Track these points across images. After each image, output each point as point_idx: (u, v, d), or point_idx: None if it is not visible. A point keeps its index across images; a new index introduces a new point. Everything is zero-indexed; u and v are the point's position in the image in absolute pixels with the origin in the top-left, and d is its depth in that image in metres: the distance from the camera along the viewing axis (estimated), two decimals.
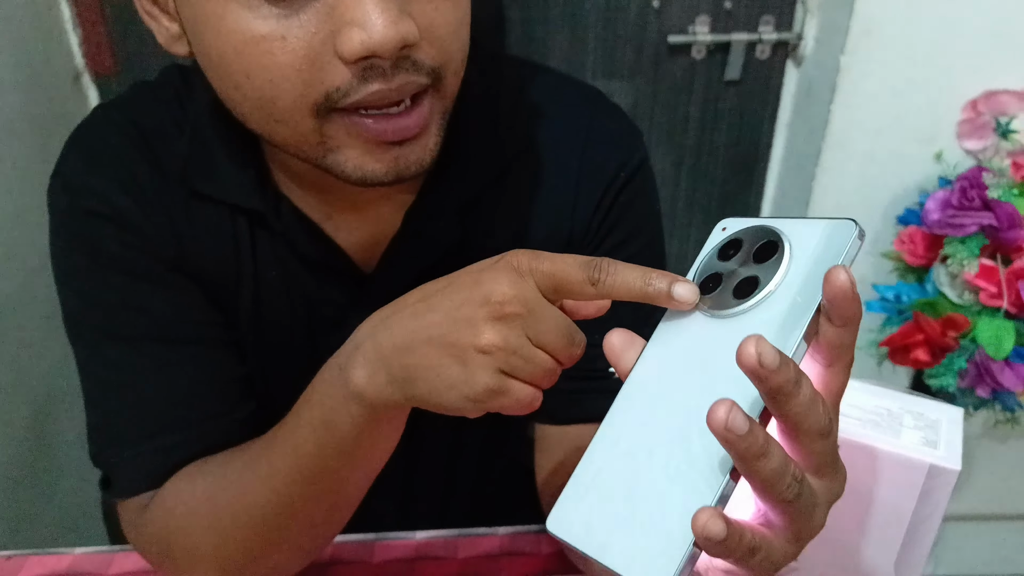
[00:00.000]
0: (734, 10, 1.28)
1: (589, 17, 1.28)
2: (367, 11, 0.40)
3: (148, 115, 0.57)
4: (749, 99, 1.36)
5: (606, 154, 0.60)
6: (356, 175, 0.47)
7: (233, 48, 0.42)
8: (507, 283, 0.38)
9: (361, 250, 0.58)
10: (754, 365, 0.28)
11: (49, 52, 1.19)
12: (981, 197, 0.97)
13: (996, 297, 0.94)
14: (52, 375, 1.18)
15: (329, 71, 0.42)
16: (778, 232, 0.36)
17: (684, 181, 1.43)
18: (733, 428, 0.28)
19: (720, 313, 0.35)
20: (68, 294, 0.56)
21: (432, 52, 0.44)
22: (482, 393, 0.38)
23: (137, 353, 0.54)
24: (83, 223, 0.54)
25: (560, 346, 0.39)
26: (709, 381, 0.34)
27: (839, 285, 0.30)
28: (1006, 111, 1.14)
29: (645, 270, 0.37)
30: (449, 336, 0.38)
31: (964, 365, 0.94)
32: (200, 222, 0.56)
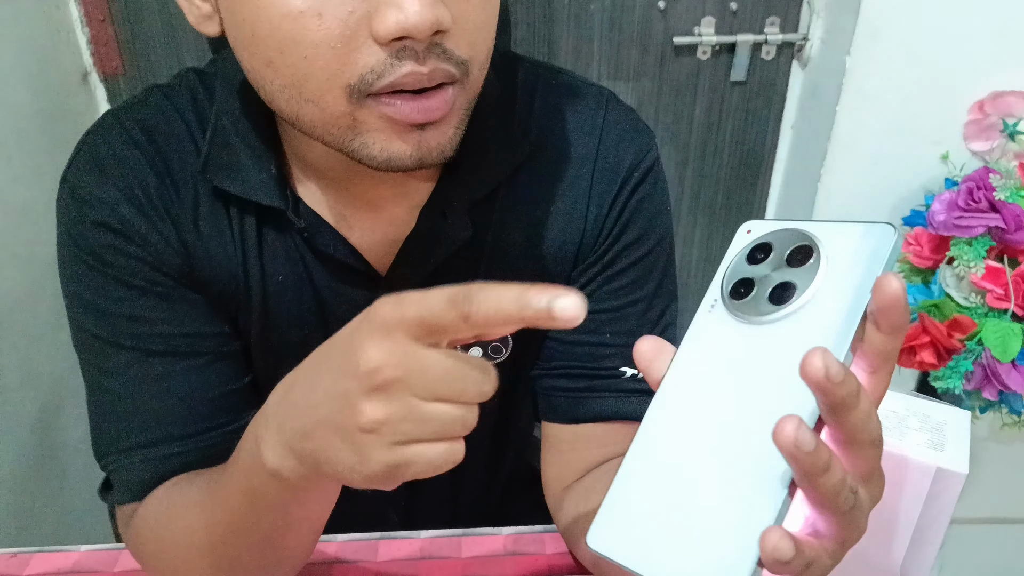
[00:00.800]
0: (740, 11, 1.28)
1: (595, 18, 1.28)
2: None
3: (160, 119, 0.57)
4: (754, 100, 1.36)
5: (619, 154, 0.60)
6: (382, 157, 0.46)
7: (269, 22, 0.43)
8: (373, 347, 0.34)
9: (375, 250, 0.59)
10: (821, 379, 0.28)
11: (57, 51, 1.20)
12: (988, 199, 0.97)
13: (1003, 299, 0.93)
14: (59, 373, 1.18)
15: (363, 51, 0.43)
16: (811, 236, 0.35)
17: (689, 182, 1.43)
18: (801, 445, 0.28)
19: (756, 320, 0.34)
20: (73, 301, 0.57)
21: (463, 44, 0.45)
22: (381, 473, 0.36)
23: (137, 364, 0.55)
24: (90, 233, 0.54)
25: (459, 390, 0.35)
26: (755, 392, 0.32)
27: (892, 293, 0.30)
28: (1013, 112, 1.14)
29: (519, 290, 0.33)
30: (333, 419, 0.36)
31: (971, 367, 0.94)
32: (208, 227, 0.56)
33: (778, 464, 0.30)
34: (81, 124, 1.25)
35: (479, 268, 0.61)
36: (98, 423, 0.58)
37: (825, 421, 0.30)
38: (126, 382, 0.55)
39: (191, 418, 0.56)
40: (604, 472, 0.60)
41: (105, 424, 0.57)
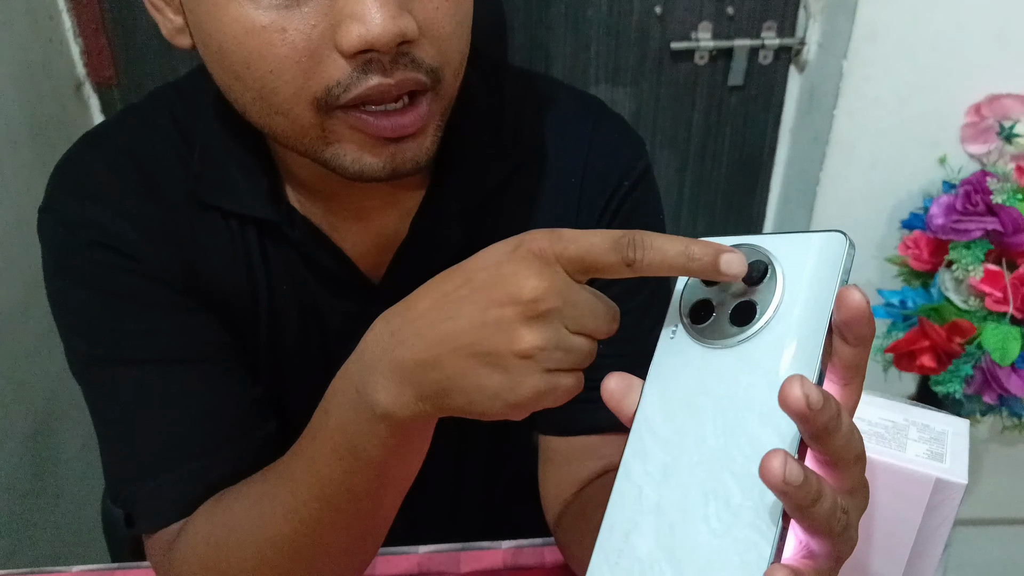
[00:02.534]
0: (736, 16, 1.28)
1: (592, 23, 1.28)
2: (366, 5, 0.40)
3: (140, 141, 0.56)
4: (752, 104, 1.36)
5: (609, 164, 0.60)
6: (353, 168, 0.47)
7: (234, 38, 0.43)
8: (535, 276, 0.35)
9: (368, 259, 0.58)
10: (802, 408, 0.27)
11: (50, 61, 1.19)
12: (986, 202, 0.97)
13: (1002, 303, 0.93)
14: (53, 387, 1.17)
15: (328, 64, 0.43)
16: (764, 251, 0.34)
17: (687, 187, 1.43)
18: (791, 481, 0.27)
19: (720, 343, 0.33)
20: (71, 331, 0.55)
21: (431, 51, 0.44)
22: (531, 398, 0.36)
23: (149, 379, 0.53)
24: (83, 255, 0.53)
25: (600, 326, 0.37)
26: (733, 420, 0.31)
27: (855, 306, 0.30)
28: (1009, 115, 1.14)
29: (684, 242, 0.34)
30: (482, 344, 0.36)
31: (970, 371, 0.94)
32: (209, 242, 0.56)
33: (768, 496, 0.29)
34: (74, 135, 1.23)
35: None
36: (114, 454, 0.55)
37: (808, 446, 0.30)
38: (140, 401, 0.53)
39: (217, 429, 0.54)
40: (600, 487, 0.59)
41: (122, 453, 0.54)
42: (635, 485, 0.33)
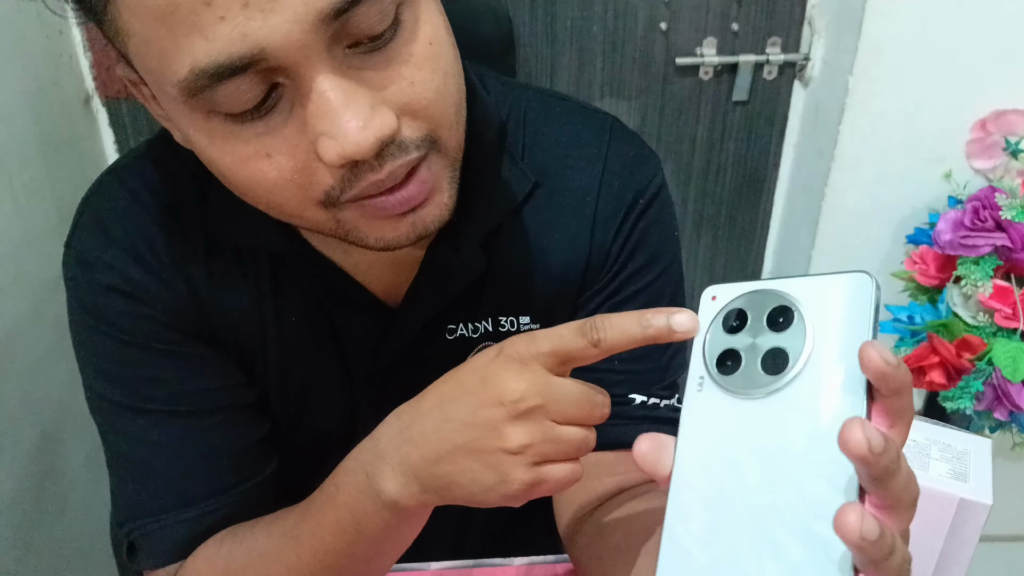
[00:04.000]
0: (741, 32, 1.29)
1: (597, 38, 1.29)
2: (337, 121, 0.40)
3: (163, 172, 0.56)
4: (756, 120, 1.37)
5: (624, 181, 0.60)
6: (379, 244, 0.47)
7: (227, 167, 0.43)
8: (515, 378, 0.39)
9: (384, 285, 0.59)
10: (865, 452, 0.27)
11: (60, 76, 1.20)
12: (994, 218, 0.97)
13: (1011, 318, 0.93)
14: (61, 398, 1.18)
15: (320, 175, 0.43)
16: (786, 296, 0.33)
17: (692, 201, 1.44)
18: (868, 536, 0.26)
19: (755, 392, 0.32)
20: (88, 368, 0.56)
21: (417, 126, 0.44)
22: (522, 490, 0.40)
23: (157, 426, 0.55)
24: (99, 298, 0.54)
25: (585, 414, 0.40)
26: (775, 472, 0.31)
27: (877, 366, 0.29)
28: (1015, 131, 1.14)
29: (639, 315, 0.37)
30: (475, 443, 0.40)
31: (981, 387, 0.93)
32: (221, 275, 0.57)
33: (833, 551, 0.28)
34: (83, 149, 1.25)
35: (487, 297, 0.61)
36: (120, 489, 0.57)
37: (867, 490, 0.29)
38: (148, 446, 0.55)
39: (220, 475, 0.56)
40: (617, 508, 0.59)
41: (128, 489, 0.56)
42: (682, 548, 0.32)
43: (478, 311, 0.61)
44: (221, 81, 0.38)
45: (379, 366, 0.61)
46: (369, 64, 0.41)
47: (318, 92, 0.40)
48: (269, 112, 0.41)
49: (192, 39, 0.37)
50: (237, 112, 0.40)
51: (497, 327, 0.62)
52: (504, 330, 0.62)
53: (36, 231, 1.12)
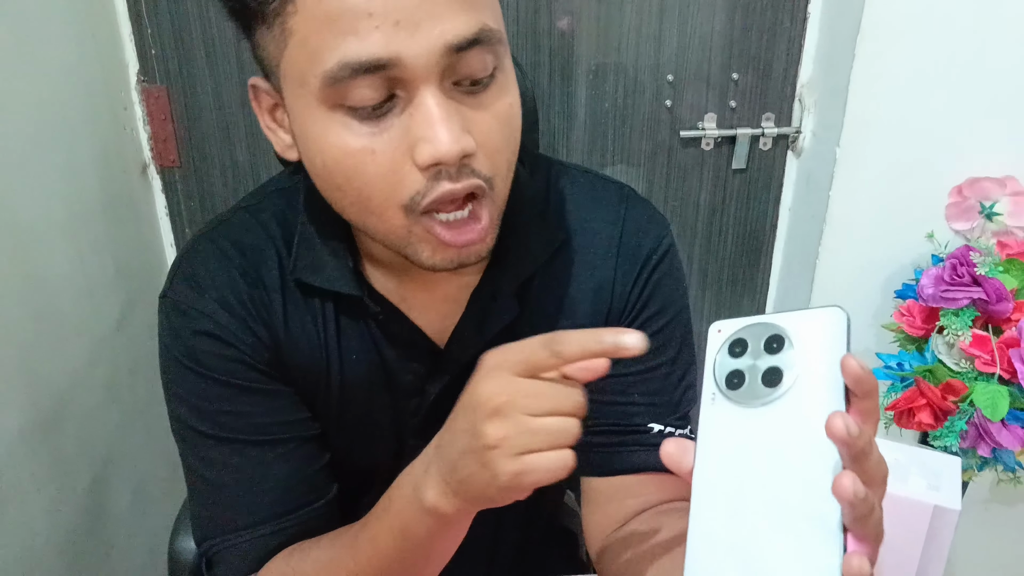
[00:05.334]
0: (738, 108, 1.38)
1: (609, 113, 1.38)
2: (436, 130, 0.49)
3: (247, 235, 0.64)
4: (754, 186, 1.45)
5: (639, 241, 0.68)
6: (429, 263, 0.56)
7: (333, 159, 0.52)
8: (484, 383, 0.45)
9: (433, 327, 0.66)
10: (845, 435, 0.34)
11: (123, 146, 1.30)
12: (970, 273, 1.04)
13: (990, 364, 1.00)
14: (112, 445, 1.24)
15: (409, 177, 0.51)
16: (778, 326, 0.40)
17: (696, 261, 1.51)
18: (858, 494, 0.34)
19: (757, 403, 0.39)
20: (177, 401, 0.63)
21: (485, 163, 0.53)
22: (510, 480, 0.44)
23: (238, 454, 0.62)
24: (193, 342, 0.61)
25: (557, 403, 0.44)
26: (782, 462, 0.38)
27: (853, 372, 0.37)
28: (989, 196, 1.22)
29: (593, 332, 0.44)
30: (468, 447, 0.45)
31: (964, 427, 1.00)
32: (295, 322, 0.64)
33: (829, 517, 0.35)
34: (139, 212, 1.36)
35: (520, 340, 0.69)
36: (201, 509, 0.64)
37: (848, 466, 0.36)
38: (228, 471, 0.62)
39: (288, 498, 0.63)
40: (641, 522, 0.65)
41: (208, 510, 0.63)
42: (707, 529, 0.39)
43: None
44: (358, 76, 0.48)
45: (424, 401, 0.68)
46: (465, 102, 0.51)
47: (425, 105, 0.49)
48: (382, 116, 0.50)
49: (347, 40, 0.47)
50: (359, 107, 0.49)
51: None
52: None
53: (96, 286, 1.20)
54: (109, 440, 1.23)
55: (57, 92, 1.11)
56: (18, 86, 1.02)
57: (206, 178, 1.40)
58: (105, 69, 1.25)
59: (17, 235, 1.02)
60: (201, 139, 1.37)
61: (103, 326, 1.23)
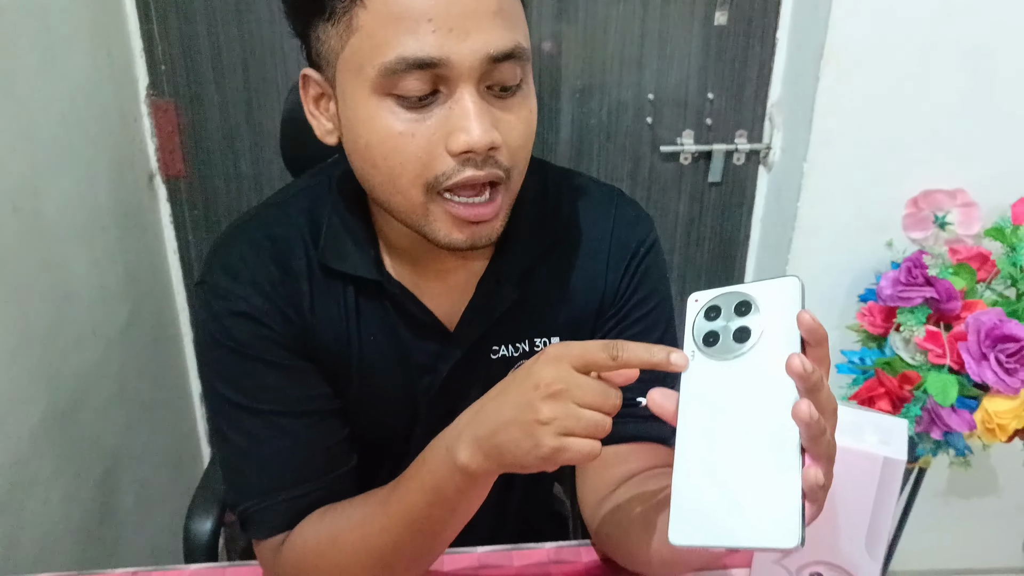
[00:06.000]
0: (714, 125, 1.45)
1: (594, 130, 1.45)
2: (470, 122, 0.56)
3: (278, 226, 0.69)
4: (729, 198, 1.51)
5: (628, 235, 0.75)
6: (444, 240, 0.61)
7: (378, 138, 0.58)
8: (548, 369, 0.50)
9: (444, 310, 0.72)
10: (802, 371, 0.41)
11: (133, 157, 1.36)
12: (924, 275, 1.12)
13: (941, 356, 1.08)
14: (118, 441, 1.28)
15: (440, 160, 0.58)
16: (746, 294, 0.47)
17: (675, 268, 1.58)
18: (812, 416, 0.41)
19: (730, 356, 0.46)
20: (214, 377, 0.67)
21: (507, 156, 0.60)
22: (549, 453, 0.49)
23: (270, 425, 0.66)
24: (229, 323, 0.66)
25: (600, 402, 0.50)
26: (754, 401, 0.44)
27: (807, 323, 0.44)
28: (941, 207, 1.29)
29: (648, 347, 0.49)
30: (518, 417, 0.50)
31: (919, 412, 1.09)
32: (321, 307, 0.69)
33: (790, 441, 0.42)
34: (146, 220, 1.41)
35: (524, 324, 0.74)
36: (235, 476, 0.68)
37: (805, 397, 0.43)
38: (260, 440, 0.66)
39: (314, 464, 0.67)
40: (630, 485, 0.70)
41: (242, 476, 0.68)
42: (690, 458, 0.46)
43: (517, 335, 0.74)
44: (411, 70, 0.55)
45: (436, 379, 0.73)
46: (495, 104, 0.58)
47: (464, 101, 0.56)
48: (425, 107, 0.57)
49: (407, 39, 0.54)
50: (407, 96, 0.56)
51: (533, 347, 0.76)
52: (539, 349, 0.74)
53: (108, 290, 1.25)
54: (118, 437, 1.27)
55: (76, 106, 1.16)
56: (44, 101, 1.08)
57: (210, 188, 1.45)
58: (118, 83, 1.31)
59: (44, 241, 1.07)
60: (206, 150, 1.42)
61: (113, 329, 1.27)
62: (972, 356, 1.06)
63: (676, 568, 0.70)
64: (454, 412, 0.59)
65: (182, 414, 1.56)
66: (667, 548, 0.57)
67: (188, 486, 1.05)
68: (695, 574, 0.75)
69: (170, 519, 1.42)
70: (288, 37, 0.63)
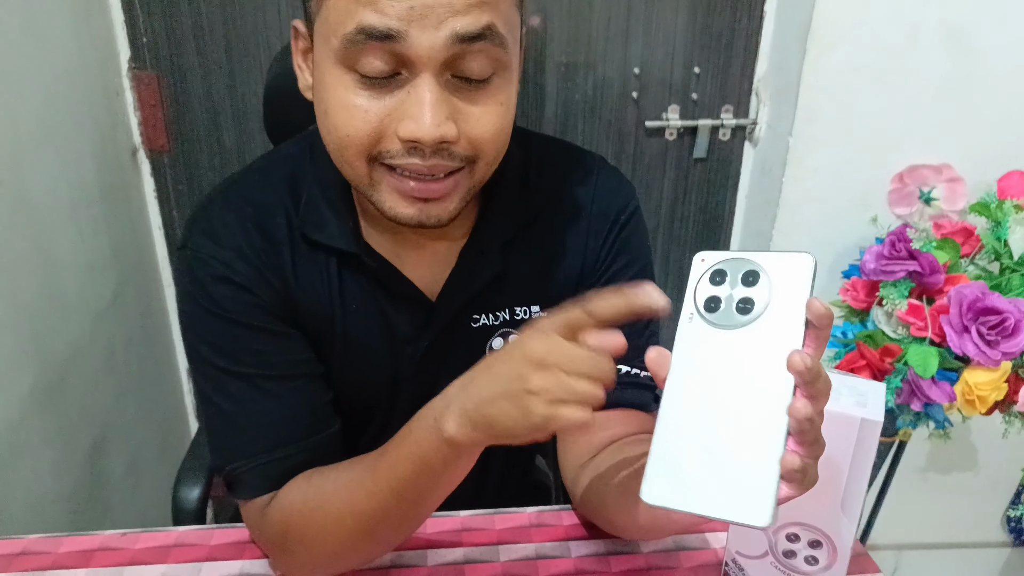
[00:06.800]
0: (700, 100, 1.44)
1: (579, 104, 1.44)
2: (423, 111, 0.55)
3: (260, 192, 0.69)
4: (714, 174, 1.51)
5: (608, 203, 0.75)
6: (390, 213, 0.61)
7: (334, 107, 0.58)
8: (537, 342, 0.49)
9: (425, 281, 0.72)
10: (802, 368, 0.41)
11: (116, 131, 1.35)
12: (907, 248, 1.13)
13: (923, 329, 1.09)
14: (108, 412, 1.28)
15: (387, 140, 0.57)
16: (755, 263, 0.45)
17: (659, 245, 1.58)
18: (807, 415, 0.41)
19: (730, 326, 0.45)
20: (196, 342, 0.67)
21: (468, 147, 0.58)
22: (541, 422, 0.49)
23: (254, 387, 0.66)
24: (211, 287, 0.65)
25: (590, 368, 0.49)
26: (748, 376, 0.43)
27: (819, 310, 0.43)
28: (927, 182, 1.29)
29: (619, 290, 0.48)
30: (508, 388, 0.50)
31: (900, 384, 1.10)
32: (302, 274, 0.69)
33: (775, 423, 0.42)
34: (130, 194, 1.41)
35: (505, 293, 0.74)
36: (219, 439, 0.68)
37: (801, 389, 0.43)
38: (244, 403, 0.66)
39: (298, 426, 0.67)
40: (610, 451, 0.71)
41: (227, 438, 0.67)
42: (674, 421, 0.45)
43: (498, 304, 0.75)
44: (370, 44, 0.53)
45: (419, 348, 0.74)
46: (459, 94, 0.57)
47: (420, 88, 0.55)
48: (383, 88, 0.56)
49: (367, 10, 0.53)
50: (366, 75, 0.55)
51: (513, 316, 0.76)
52: (519, 318, 0.76)
53: (94, 264, 1.25)
54: (107, 408, 1.28)
55: (59, 80, 1.15)
56: (26, 75, 1.07)
57: (194, 162, 1.44)
58: (100, 57, 1.29)
59: (29, 214, 1.07)
60: (190, 124, 1.41)
61: (100, 302, 1.27)
62: (954, 329, 1.07)
63: (653, 534, 0.70)
64: (436, 379, 0.59)
65: (170, 385, 1.57)
66: (645, 514, 0.58)
67: (177, 455, 1.06)
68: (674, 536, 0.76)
69: (159, 487, 1.43)
70: (271, 7, 0.62)
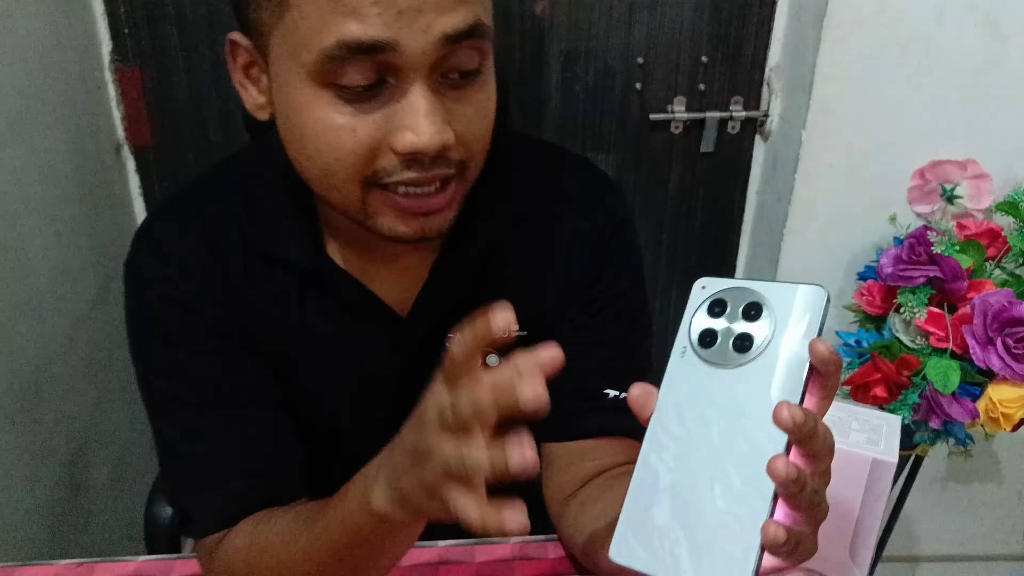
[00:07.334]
0: (707, 91, 1.40)
1: (579, 96, 1.40)
2: (419, 120, 0.51)
3: (211, 205, 0.65)
4: (722, 169, 1.47)
5: (595, 212, 0.70)
6: (389, 235, 0.57)
7: (313, 131, 0.52)
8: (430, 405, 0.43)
9: (395, 297, 0.68)
10: (790, 425, 0.36)
11: (98, 126, 1.31)
12: (927, 252, 1.07)
13: (943, 340, 1.03)
14: (89, 418, 1.25)
15: (382, 157, 0.53)
16: (760, 294, 0.41)
17: (665, 244, 1.53)
18: (790, 476, 0.36)
19: (724, 365, 0.41)
20: (143, 366, 0.64)
21: (461, 151, 0.55)
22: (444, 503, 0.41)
23: (203, 416, 0.63)
24: (156, 308, 0.62)
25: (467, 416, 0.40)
26: (736, 423, 0.39)
27: (821, 355, 0.38)
28: (950, 179, 1.23)
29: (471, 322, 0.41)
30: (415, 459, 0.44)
31: (917, 400, 1.03)
32: (257, 292, 0.65)
33: (762, 483, 0.37)
34: (113, 191, 1.36)
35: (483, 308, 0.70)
36: (171, 470, 0.65)
37: (795, 446, 0.38)
38: (194, 433, 0.63)
39: (253, 459, 0.64)
40: (597, 485, 0.67)
41: (178, 470, 0.65)
42: (653, 471, 0.41)
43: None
44: (354, 57, 0.49)
45: (388, 370, 0.69)
46: (449, 95, 0.53)
47: (413, 96, 0.51)
48: (369, 100, 0.51)
49: (348, 21, 0.48)
50: (349, 87, 0.50)
51: None
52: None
53: (72, 264, 1.21)
54: (88, 415, 1.25)
55: (32, 73, 1.11)
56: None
57: (179, 158, 1.40)
58: (79, 49, 1.25)
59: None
60: (174, 119, 1.38)
61: (80, 304, 1.24)
62: (977, 340, 1.01)
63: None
64: (412, 404, 0.54)
65: None
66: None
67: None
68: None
69: (144, 500, 1.39)
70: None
